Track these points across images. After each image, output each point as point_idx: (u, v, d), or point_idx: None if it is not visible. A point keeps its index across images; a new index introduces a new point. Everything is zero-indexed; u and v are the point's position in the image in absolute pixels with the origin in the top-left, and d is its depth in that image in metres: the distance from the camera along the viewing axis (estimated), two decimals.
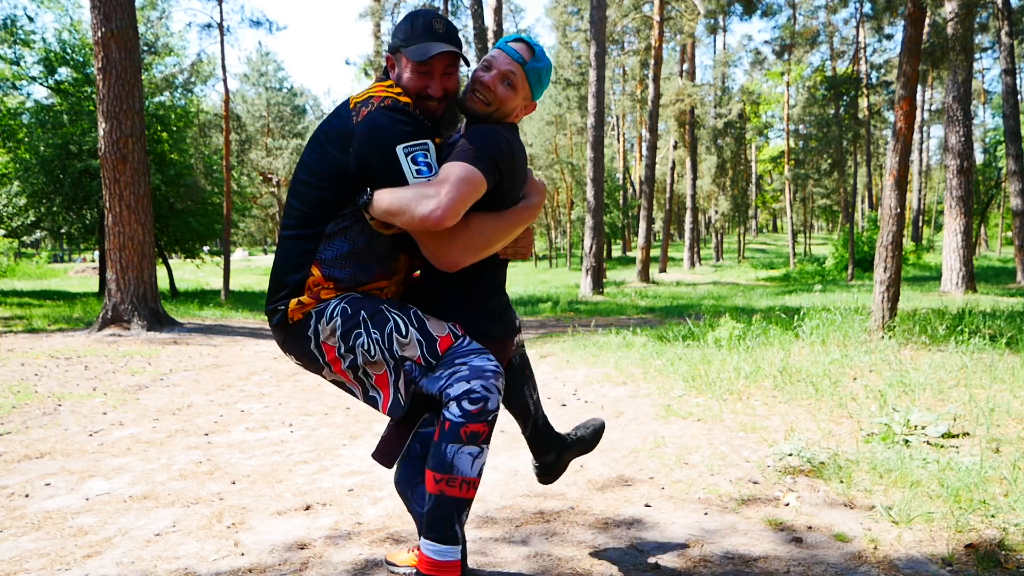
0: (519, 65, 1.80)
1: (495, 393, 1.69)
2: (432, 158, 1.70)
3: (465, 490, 1.68)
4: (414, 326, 1.77)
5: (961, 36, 10.57)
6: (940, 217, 50.35)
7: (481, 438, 1.68)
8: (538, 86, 1.86)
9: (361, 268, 1.82)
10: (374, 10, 20.30)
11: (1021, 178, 16.04)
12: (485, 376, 1.69)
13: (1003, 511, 2.52)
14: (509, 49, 1.82)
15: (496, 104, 1.80)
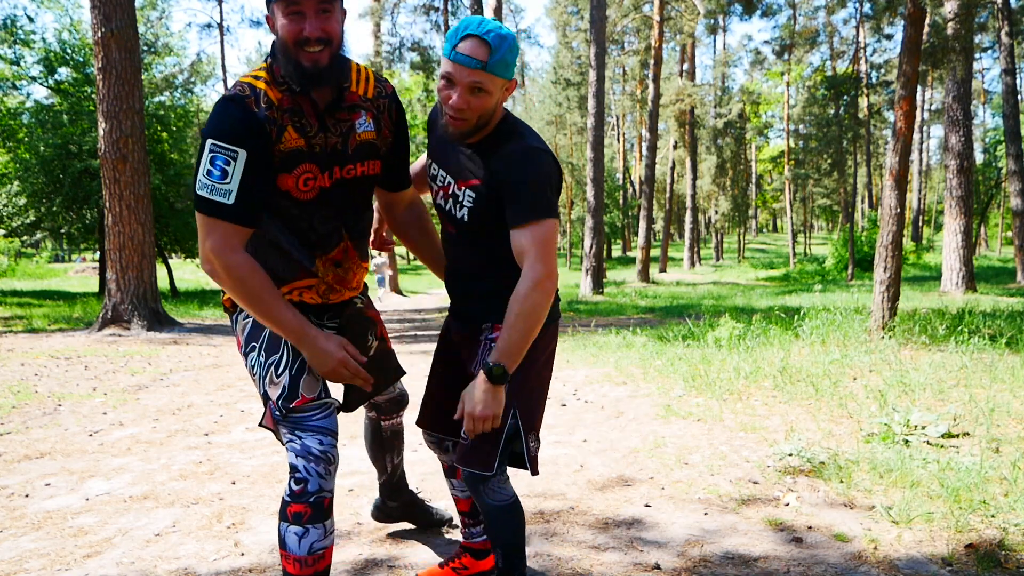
0: (480, 70, 1.59)
1: (315, 477, 1.66)
2: (235, 169, 1.58)
3: (297, 568, 1.67)
4: (290, 372, 1.73)
5: (961, 36, 10.57)
6: (940, 217, 50.36)
7: (304, 519, 1.66)
8: (509, 69, 1.65)
9: (280, 262, 1.80)
10: (374, 10, 20.29)
11: (1021, 178, 16.04)
12: (308, 459, 1.67)
13: (1003, 511, 2.52)
14: (462, 59, 1.59)
15: (474, 116, 1.65)
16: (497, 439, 1.71)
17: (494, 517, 1.79)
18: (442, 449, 2.11)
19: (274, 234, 1.77)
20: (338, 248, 1.83)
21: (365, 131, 1.77)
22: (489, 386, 1.62)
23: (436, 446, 2.11)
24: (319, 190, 1.73)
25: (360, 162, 1.78)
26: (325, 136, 1.70)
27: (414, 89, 37.83)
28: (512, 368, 1.65)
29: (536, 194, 1.66)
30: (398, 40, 19.25)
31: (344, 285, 1.91)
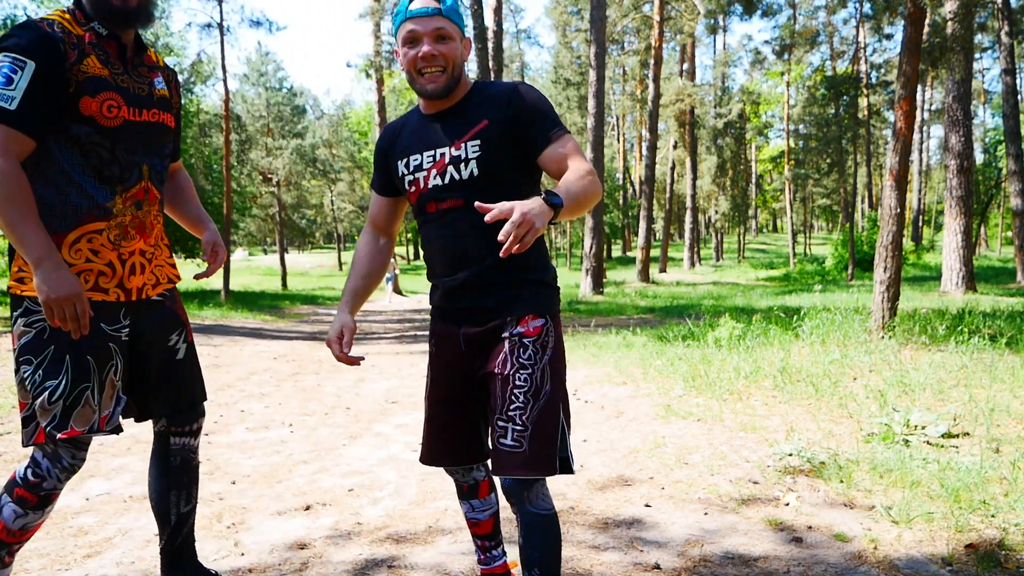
0: (438, 16, 1.64)
1: (53, 479, 1.74)
2: (22, 78, 1.60)
3: (5, 535, 1.77)
4: (64, 402, 1.69)
5: (961, 36, 10.56)
6: (940, 217, 50.36)
7: (27, 504, 1.75)
8: (462, 20, 1.69)
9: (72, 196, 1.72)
10: (374, 10, 20.30)
11: (1021, 178, 16.04)
12: (55, 465, 1.74)
13: (1003, 511, 2.52)
14: (418, 11, 1.63)
15: (450, 64, 1.65)
16: (554, 438, 1.61)
17: (537, 528, 1.62)
18: (465, 471, 1.91)
19: (67, 168, 1.71)
20: (139, 186, 1.80)
21: (161, 88, 1.89)
22: (547, 208, 1.44)
23: (459, 471, 1.91)
24: (124, 120, 1.74)
25: (162, 111, 1.86)
26: (131, 79, 1.79)
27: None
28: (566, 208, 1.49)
29: (553, 112, 1.69)
30: None
31: (141, 233, 1.83)
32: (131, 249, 1.81)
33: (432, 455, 1.84)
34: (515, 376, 1.63)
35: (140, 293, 1.85)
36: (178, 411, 1.96)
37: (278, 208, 31.53)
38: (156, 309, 1.92)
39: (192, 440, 2.01)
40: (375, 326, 12.33)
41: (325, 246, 63.74)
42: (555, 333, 1.70)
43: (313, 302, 19.28)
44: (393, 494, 3.02)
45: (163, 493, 1.98)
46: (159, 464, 1.99)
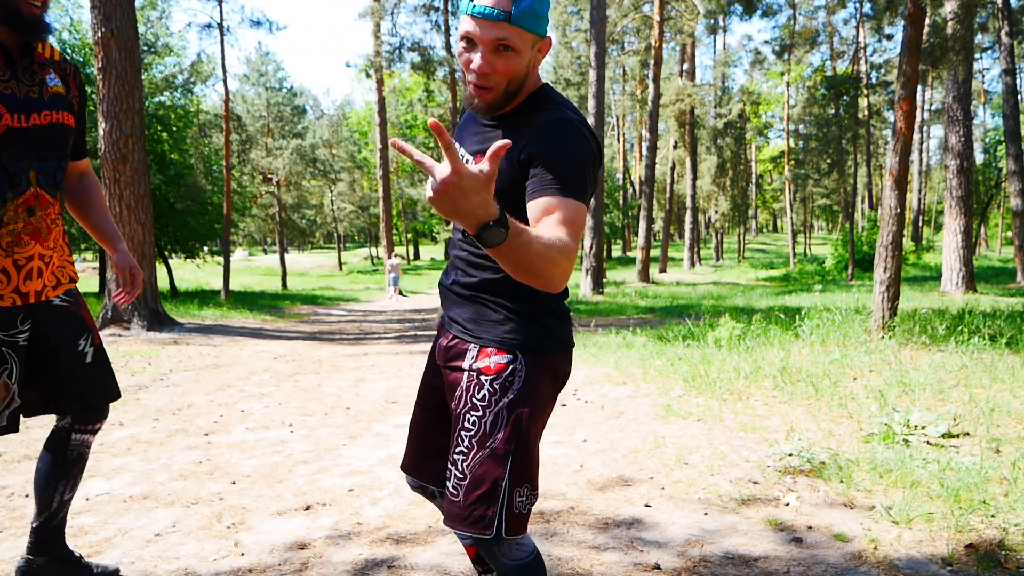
0: (504, 23, 1.32)
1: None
2: None
3: None
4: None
5: (961, 36, 10.57)
6: (940, 217, 50.36)
7: None
8: (540, 23, 1.37)
9: None
10: (374, 10, 20.30)
11: (1021, 178, 16.04)
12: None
13: (1003, 511, 2.52)
14: (482, 11, 1.32)
15: (503, 80, 1.38)
16: (494, 493, 1.41)
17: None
18: (427, 495, 1.75)
19: None
20: (28, 192, 1.79)
21: (55, 85, 1.86)
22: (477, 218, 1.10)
23: (422, 491, 1.75)
24: (7, 128, 1.73)
25: (55, 110, 1.84)
26: (16, 83, 1.76)
27: (414, 89, 37.85)
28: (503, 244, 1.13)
29: (570, 171, 1.35)
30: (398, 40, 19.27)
31: (37, 239, 1.83)
32: (27, 254, 1.82)
33: (405, 458, 1.73)
34: (464, 416, 1.46)
35: (39, 296, 1.87)
36: (85, 411, 2.00)
37: (278, 208, 31.53)
38: (61, 313, 1.94)
39: (91, 438, 2.06)
40: (375, 326, 12.33)
41: (325, 246, 63.76)
42: (526, 374, 1.45)
43: (313, 302, 19.27)
44: (393, 494, 3.02)
45: (52, 482, 2.02)
46: (54, 455, 2.02)
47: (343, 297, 22.29)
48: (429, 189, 1.08)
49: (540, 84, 1.49)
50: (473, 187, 1.07)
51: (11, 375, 1.81)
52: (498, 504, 1.42)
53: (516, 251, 1.16)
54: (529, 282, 1.22)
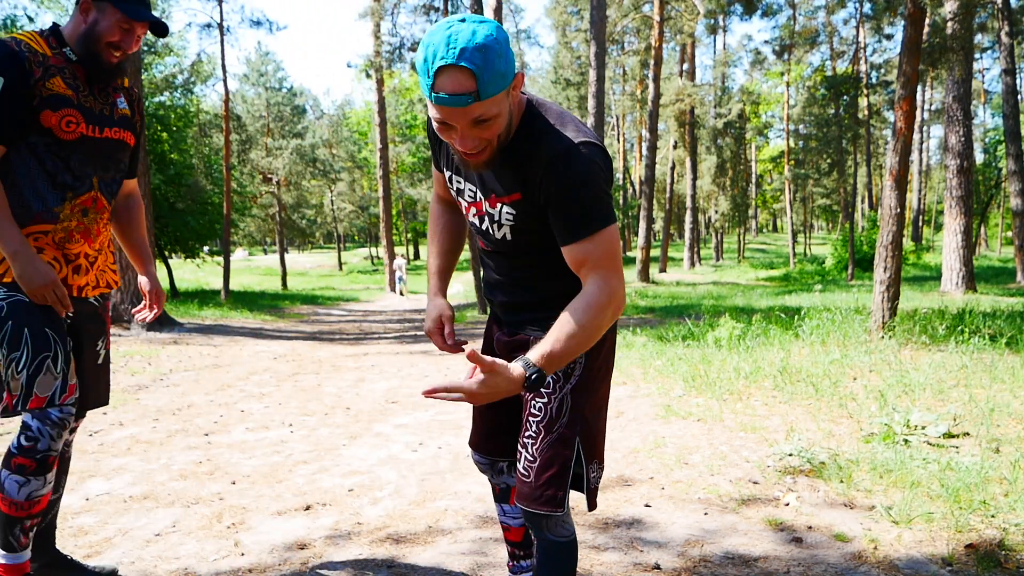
0: (474, 104, 1.25)
1: (46, 439, 1.85)
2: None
3: (13, 509, 1.87)
4: (28, 370, 1.84)
5: (961, 36, 10.57)
6: (940, 217, 50.37)
7: (27, 471, 1.85)
8: (507, 76, 1.28)
9: (26, 198, 1.88)
10: (374, 10, 20.29)
11: (1021, 178, 16.04)
12: (45, 421, 1.85)
13: (1003, 511, 2.52)
14: (447, 100, 1.24)
15: (493, 142, 1.35)
16: (563, 475, 1.52)
17: (552, 554, 1.58)
18: (495, 471, 1.87)
19: (24, 172, 1.88)
20: (88, 195, 1.96)
21: (123, 108, 2.06)
22: (519, 388, 1.33)
23: (489, 468, 1.87)
24: (81, 136, 1.91)
25: (123, 129, 2.04)
26: (93, 100, 1.96)
27: (414, 89, 37.83)
28: (549, 373, 1.36)
29: (592, 201, 1.37)
30: (398, 40, 19.24)
31: (87, 238, 1.99)
32: (76, 252, 1.98)
33: (471, 436, 1.85)
34: (531, 403, 1.54)
35: (81, 292, 2.01)
36: (81, 409, 2.10)
37: (278, 208, 31.52)
38: (92, 314, 2.09)
39: (73, 435, 2.17)
40: (375, 326, 12.33)
41: (325, 246, 63.73)
42: (586, 361, 1.54)
43: (313, 302, 19.28)
44: (393, 494, 3.02)
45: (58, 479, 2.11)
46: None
47: (343, 297, 22.29)
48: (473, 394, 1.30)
49: (524, 107, 1.43)
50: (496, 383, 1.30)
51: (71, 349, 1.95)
52: (566, 484, 1.53)
53: (564, 360, 1.36)
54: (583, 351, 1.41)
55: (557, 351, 1.34)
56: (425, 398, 1.60)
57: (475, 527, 2.61)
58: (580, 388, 1.54)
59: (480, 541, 2.48)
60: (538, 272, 1.58)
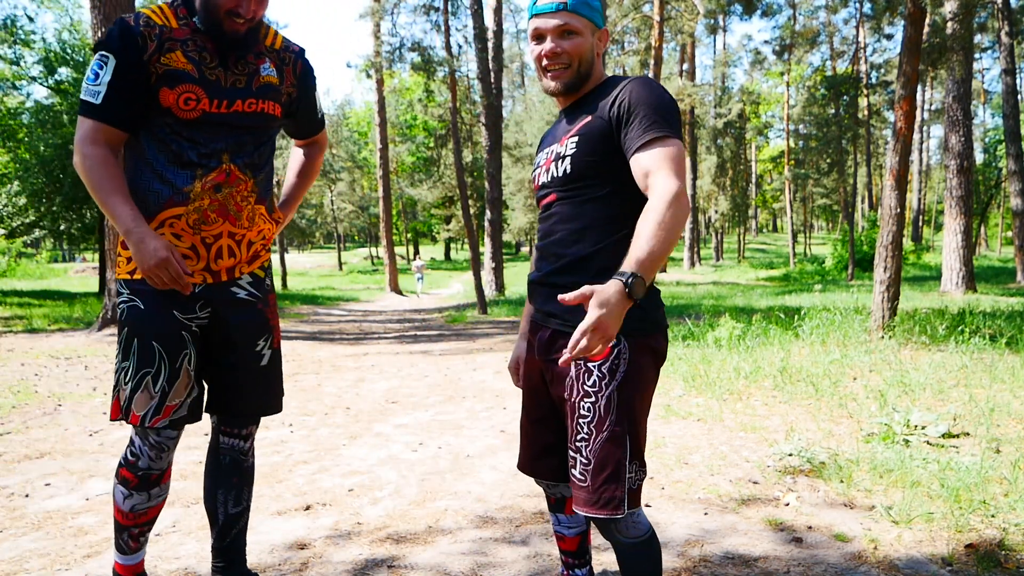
0: (563, 11, 1.56)
1: (146, 458, 1.81)
2: (106, 73, 1.70)
3: (120, 517, 1.86)
4: (132, 382, 1.75)
5: (961, 36, 10.57)
6: (940, 217, 50.37)
7: (130, 485, 1.82)
8: (595, 13, 1.61)
9: (153, 183, 1.77)
10: (374, 10, 20.28)
11: (1021, 178, 16.04)
12: (145, 442, 1.81)
13: (1003, 511, 2.52)
14: (542, 8, 1.57)
15: (574, 59, 1.59)
16: (619, 473, 1.50)
17: (629, 556, 1.56)
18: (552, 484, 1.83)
19: (150, 156, 1.78)
20: (219, 170, 1.79)
21: (268, 75, 1.89)
22: (625, 300, 1.30)
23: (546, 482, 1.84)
24: (203, 113, 1.76)
25: (263, 99, 1.86)
26: (225, 72, 1.80)
27: (414, 89, 37.82)
28: (650, 281, 1.35)
29: (662, 114, 1.49)
30: (398, 40, 19.22)
31: (226, 217, 1.81)
32: (215, 232, 1.81)
33: (521, 459, 1.82)
34: (579, 404, 1.53)
35: (232, 273, 1.85)
36: (243, 416, 1.93)
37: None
38: (245, 308, 1.89)
39: (242, 443, 1.96)
40: (375, 326, 12.33)
41: (325, 246, 63.73)
42: (630, 356, 1.52)
43: (313, 302, 19.27)
44: (393, 494, 3.02)
45: (211, 490, 1.96)
46: (211, 460, 1.98)
47: (343, 297, 22.29)
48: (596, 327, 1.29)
49: (600, 66, 1.66)
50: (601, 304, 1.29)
51: (190, 362, 1.80)
52: (624, 483, 1.51)
53: (654, 269, 1.36)
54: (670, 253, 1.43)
55: (644, 252, 1.34)
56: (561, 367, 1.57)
57: (475, 527, 2.61)
58: (625, 384, 1.53)
59: (480, 541, 2.48)
60: (587, 223, 1.58)
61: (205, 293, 1.83)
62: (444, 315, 14.01)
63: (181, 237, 1.78)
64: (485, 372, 6.42)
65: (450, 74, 18.55)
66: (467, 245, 32.12)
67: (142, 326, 1.76)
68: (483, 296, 14.05)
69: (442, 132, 30.53)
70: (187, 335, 1.79)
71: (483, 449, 3.72)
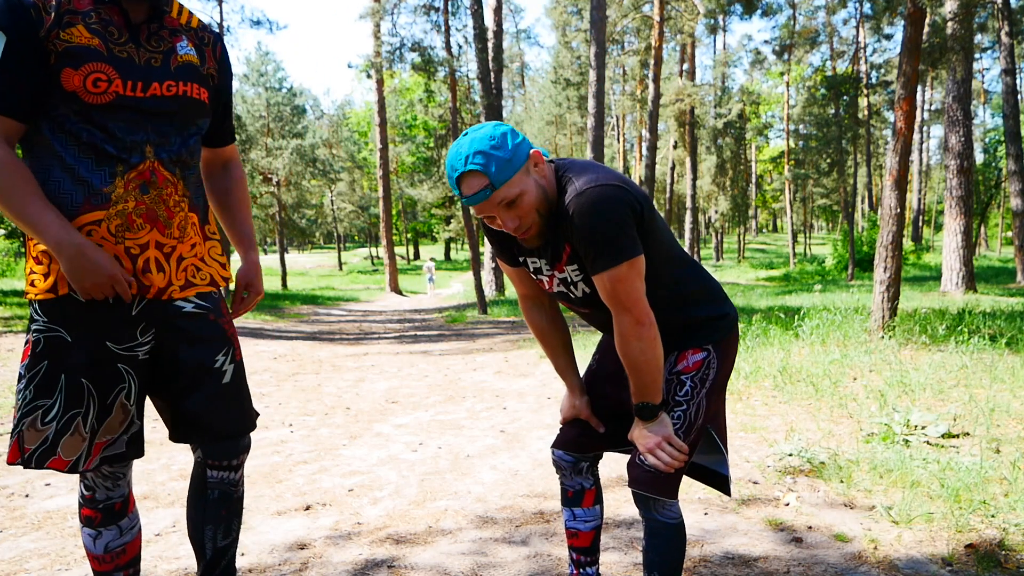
0: (493, 194, 1.48)
1: (102, 489, 1.63)
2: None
3: (97, 564, 1.68)
4: (57, 423, 1.50)
5: (961, 36, 10.57)
6: (940, 217, 50.36)
7: (95, 522, 1.64)
8: (513, 163, 1.48)
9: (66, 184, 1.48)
10: (374, 10, 20.28)
11: (1021, 178, 16.03)
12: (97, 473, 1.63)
13: (1003, 511, 2.52)
14: (472, 199, 1.50)
15: (533, 216, 1.53)
16: (684, 464, 1.62)
17: (663, 537, 1.65)
18: (575, 471, 1.86)
19: (59, 151, 1.49)
20: (143, 166, 1.52)
21: (187, 54, 1.61)
22: (643, 423, 1.58)
23: (570, 467, 1.86)
24: (117, 96, 1.49)
25: (183, 81, 1.58)
26: (137, 49, 1.53)
27: (414, 89, 37.84)
28: (658, 401, 1.57)
29: (597, 242, 1.49)
30: (398, 40, 19.23)
31: (154, 224, 1.54)
32: (141, 242, 1.53)
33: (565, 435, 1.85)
34: (671, 413, 1.63)
35: (162, 294, 1.57)
36: (216, 442, 1.68)
37: (278, 208, 31.52)
38: (195, 323, 1.63)
39: (232, 474, 1.73)
40: (375, 326, 12.33)
41: (325, 246, 63.74)
42: (717, 362, 1.68)
43: (313, 302, 19.27)
44: (393, 494, 3.02)
45: (199, 525, 1.74)
46: (196, 493, 1.74)
47: (343, 297, 22.29)
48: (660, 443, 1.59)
49: (553, 178, 1.58)
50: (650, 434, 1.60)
51: (128, 395, 1.57)
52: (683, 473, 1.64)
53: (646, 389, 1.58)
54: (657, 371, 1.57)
55: (635, 389, 1.58)
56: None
57: (475, 527, 2.61)
58: (713, 391, 1.66)
59: (480, 541, 2.48)
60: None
61: (144, 313, 1.56)
62: (444, 315, 14.01)
63: (102, 247, 1.49)
64: (485, 372, 6.42)
65: (450, 74, 18.56)
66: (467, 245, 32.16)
67: (69, 360, 1.50)
68: (483, 296, 14.06)
69: (442, 132, 30.54)
70: (124, 367, 1.55)
71: (483, 449, 3.72)
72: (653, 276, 1.59)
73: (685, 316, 1.69)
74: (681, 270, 1.69)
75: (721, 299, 1.74)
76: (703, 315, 1.70)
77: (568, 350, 1.87)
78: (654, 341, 1.54)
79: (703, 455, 1.81)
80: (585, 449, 1.84)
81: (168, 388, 1.63)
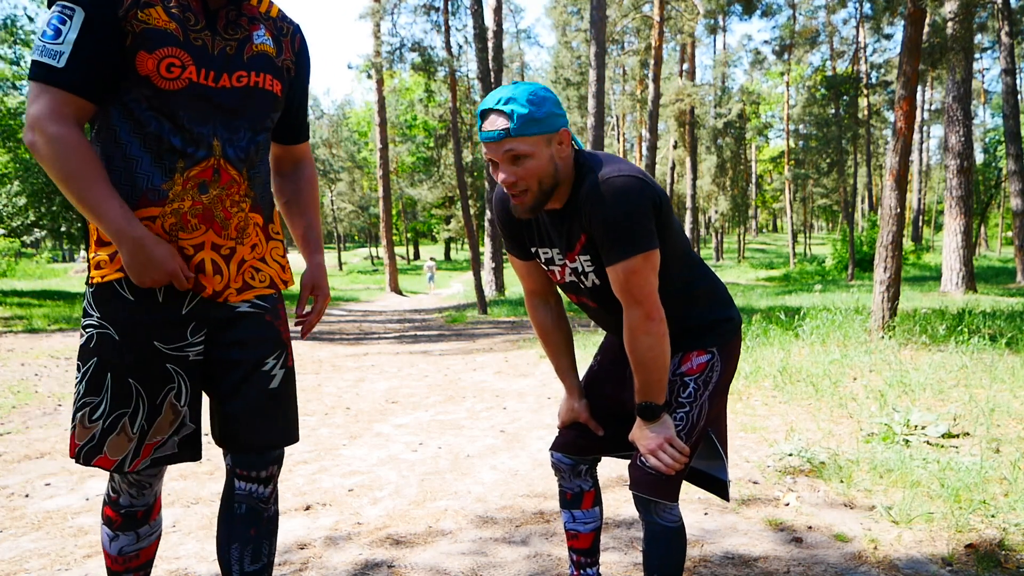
0: (506, 139, 1.48)
1: (126, 495, 1.58)
2: (70, 29, 1.33)
3: (110, 562, 1.65)
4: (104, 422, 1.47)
5: (961, 36, 10.57)
6: (940, 217, 50.36)
7: (114, 525, 1.60)
8: (544, 123, 1.49)
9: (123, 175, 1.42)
10: (374, 10, 20.27)
11: (1021, 178, 16.03)
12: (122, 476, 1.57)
13: (1003, 511, 2.52)
14: (486, 136, 1.51)
15: (532, 182, 1.52)
16: (684, 468, 1.62)
17: (663, 540, 1.65)
18: (574, 473, 1.86)
19: (123, 140, 1.42)
20: (206, 163, 1.45)
21: (263, 43, 1.54)
22: (645, 423, 1.59)
23: (569, 470, 1.86)
24: (189, 83, 1.42)
25: (256, 72, 1.51)
26: (212, 36, 1.46)
27: (414, 89, 37.82)
28: (661, 401, 1.58)
29: (615, 231, 1.50)
30: (398, 40, 19.21)
31: (210, 224, 1.47)
32: (195, 242, 1.46)
33: (563, 437, 1.85)
34: (673, 415, 1.63)
35: (217, 296, 1.51)
36: (247, 451, 1.59)
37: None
38: (250, 324, 1.56)
39: (261, 488, 1.63)
40: (375, 326, 12.33)
41: (325, 246, 63.70)
42: (721, 365, 1.69)
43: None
44: (393, 494, 3.02)
45: (224, 543, 1.65)
46: (224, 507, 1.67)
47: (343, 297, 22.29)
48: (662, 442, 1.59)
49: (571, 164, 1.58)
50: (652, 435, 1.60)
51: (179, 396, 1.51)
52: (683, 476, 1.64)
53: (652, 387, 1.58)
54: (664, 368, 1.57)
55: (639, 386, 1.58)
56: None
57: (475, 527, 2.61)
58: (715, 392, 1.67)
59: (480, 541, 2.48)
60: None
61: (195, 313, 1.50)
62: (444, 315, 14.01)
63: None
64: (485, 372, 6.42)
65: (450, 74, 18.56)
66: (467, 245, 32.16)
67: (116, 359, 1.46)
68: (483, 296, 14.05)
69: (442, 132, 30.52)
70: (174, 368, 1.49)
71: (483, 449, 3.72)
72: (664, 274, 1.59)
73: (691, 317, 1.70)
74: (691, 271, 1.72)
75: (727, 302, 1.76)
76: (709, 317, 1.71)
77: (570, 352, 1.87)
78: (663, 337, 1.54)
79: (703, 460, 1.81)
80: (584, 452, 1.83)
81: (217, 389, 1.56)
